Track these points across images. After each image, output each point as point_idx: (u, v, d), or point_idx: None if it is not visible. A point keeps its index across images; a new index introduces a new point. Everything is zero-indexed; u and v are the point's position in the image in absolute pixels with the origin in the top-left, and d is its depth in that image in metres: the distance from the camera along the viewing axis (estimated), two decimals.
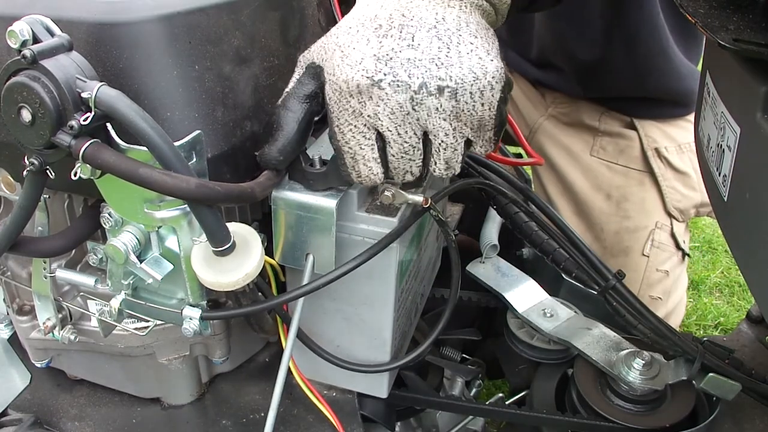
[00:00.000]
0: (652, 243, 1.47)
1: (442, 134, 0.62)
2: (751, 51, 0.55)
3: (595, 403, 0.88)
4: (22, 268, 0.81)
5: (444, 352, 1.09)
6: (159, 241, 0.68)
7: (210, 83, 0.65)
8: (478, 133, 0.63)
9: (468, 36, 0.61)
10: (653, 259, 1.48)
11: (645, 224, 1.48)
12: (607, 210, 1.50)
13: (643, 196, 1.48)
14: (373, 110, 0.61)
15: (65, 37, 0.58)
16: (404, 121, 0.61)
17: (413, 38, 0.60)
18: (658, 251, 1.47)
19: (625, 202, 1.49)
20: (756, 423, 0.89)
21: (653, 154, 1.46)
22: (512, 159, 1.18)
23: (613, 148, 1.50)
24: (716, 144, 0.67)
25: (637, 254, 1.47)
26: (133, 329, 0.77)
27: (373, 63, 0.60)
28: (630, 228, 1.48)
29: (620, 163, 1.49)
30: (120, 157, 0.58)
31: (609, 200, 1.50)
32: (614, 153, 1.50)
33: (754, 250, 0.63)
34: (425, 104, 0.60)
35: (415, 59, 0.59)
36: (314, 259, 0.71)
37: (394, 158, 0.64)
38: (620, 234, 1.49)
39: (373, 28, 0.62)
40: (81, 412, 0.88)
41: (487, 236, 1.07)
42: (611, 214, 1.49)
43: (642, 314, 0.83)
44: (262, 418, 0.84)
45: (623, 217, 1.49)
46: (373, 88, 0.60)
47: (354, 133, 0.63)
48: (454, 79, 0.59)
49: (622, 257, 1.48)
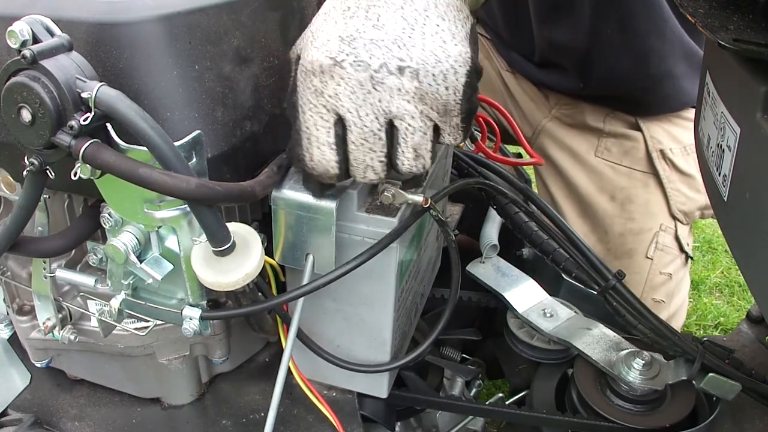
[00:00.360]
0: (656, 245, 1.46)
1: (408, 118, 0.61)
2: (751, 51, 0.55)
3: (595, 403, 0.88)
4: (22, 268, 0.81)
5: (444, 352, 1.09)
6: (159, 241, 0.68)
7: (210, 83, 0.65)
8: (445, 119, 0.62)
9: (435, 17, 0.60)
10: (657, 262, 1.47)
11: (649, 226, 1.47)
12: (611, 211, 1.49)
13: (648, 198, 1.47)
14: (333, 90, 0.61)
15: (65, 37, 0.58)
16: (365, 102, 0.60)
17: (378, 18, 0.60)
18: (662, 254, 1.47)
19: (629, 204, 1.48)
20: (756, 423, 0.89)
21: (658, 156, 1.45)
22: (512, 159, 1.18)
23: (617, 149, 1.49)
24: (716, 144, 0.67)
25: (641, 256, 1.47)
26: (133, 329, 0.77)
27: (337, 43, 0.60)
28: (634, 230, 1.48)
29: (624, 165, 1.48)
30: (120, 157, 0.58)
31: (613, 201, 1.49)
32: (619, 154, 1.48)
33: (754, 250, 0.63)
34: (386, 84, 0.59)
35: (378, 39, 0.59)
36: (314, 259, 0.71)
37: (354, 146, 0.63)
38: (624, 236, 1.48)
39: (342, 10, 0.62)
40: (81, 412, 0.88)
41: (487, 236, 1.07)
42: (615, 216, 1.48)
43: (642, 314, 0.83)
44: (262, 418, 0.84)
45: (627, 219, 1.48)
46: (335, 67, 0.60)
47: (313, 112, 0.62)
48: (415, 60, 0.59)
49: (626, 259, 1.47)
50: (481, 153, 0.97)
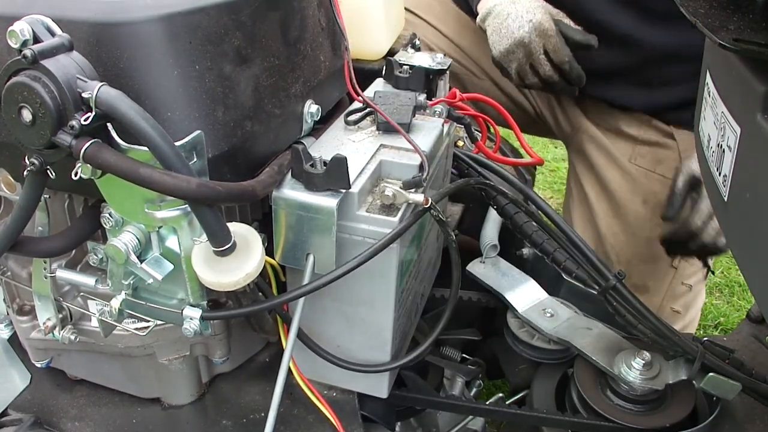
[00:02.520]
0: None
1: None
2: (751, 51, 0.55)
3: (595, 403, 0.88)
4: (23, 268, 0.81)
5: (444, 352, 1.09)
6: (159, 241, 0.68)
7: (210, 83, 0.65)
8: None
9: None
10: (680, 272, 1.46)
11: None
12: (643, 215, 1.47)
13: None
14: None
15: (66, 36, 0.57)
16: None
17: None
18: (687, 264, 1.45)
19: (661, 210, 1.48)
20: (756, 423, 0.89)
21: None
22: (512, 159, 1.18)
23: (651, 157, 1.48)
24: (716, 144, 0.67)
25: (665, 264, 1.45)
26: (133, 329, 0.77)
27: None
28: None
29: (658, 172, 1.47)
30: (120, 157, 0.58)
31: (645, 205, 1.48)
32: (652, 162, 1.48)
33: (754, 250, 0.63)
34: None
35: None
36: (314, 259, 0.71)
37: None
38: (652, 241, 1.46)
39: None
40: (81, 412, 0.88)
41: (487, 236, 1.07)
42: (646, 220, 1.47)
43: (642, 314, 0.83)
44: (263, 418, 0.84)
45: (657, 224, 1.47)
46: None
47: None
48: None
49: (650, 264, 1.46)
50: (481, 153, 0.98)
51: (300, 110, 0.79)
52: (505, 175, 0.96)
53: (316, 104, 0.81)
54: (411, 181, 0.72)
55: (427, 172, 0.73)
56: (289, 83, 0.76)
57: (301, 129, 0.81)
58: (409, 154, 0.76)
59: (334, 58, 0.86)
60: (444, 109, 0.87)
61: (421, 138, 0.80)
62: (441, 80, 0.93)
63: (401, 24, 1.17)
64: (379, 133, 0.80)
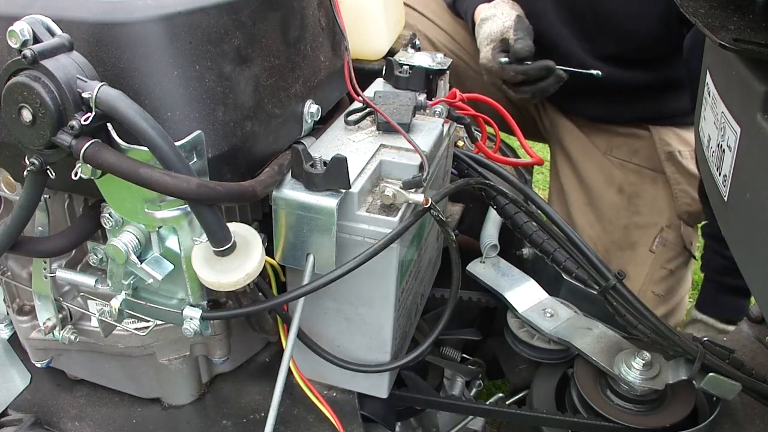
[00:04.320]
0: (660, 240, 1.48)
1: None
2: (751, 51, 0.55)
3: (595, 403, 0.88)
4: (23, 268, 0.81)
5: (444, 352, 1.09)
6: (159, 241, 0.68)
7: (210, 83, 0.65)
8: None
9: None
10: (659, 257, 1.49)
11: (655, 221, 1.49)
12: (618, 204, 1.51)
13: (655, 195, 1.49)
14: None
15: (66, 37, 0.57)
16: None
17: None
18: (665, 249, 1.48)
19: (636, 198, 1.50)
20: (756, 423, 0.89)
21: (666, 158, 1.47)
22: (512, 159, 1.18)
23: (627, 147, 1.52)
24: (716, 144, 0.68)
25: (644, 250, 1.49)
26: (133, 329, 0.77)
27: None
28: (639, 224, 1.50)
29: (634, 162, 1.52)
30: (121, 157, 0.58)
31: (621, 194, 1.52)
32: (628, 153, 1.52)
33: (754, 250, 0.63)
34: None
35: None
36: (315, 259, 0.71)
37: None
38: (629, 229, 1.50)
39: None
40: (81, 412, 0.88)
41: (487, 236, 1.07)
42: (622, 209, 1.51)
43: (642, 314, 0.83)
44: (263, 418, 0.84)
45: (633, 212, 1.50)
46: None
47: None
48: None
49: (628, 251, 1.49)
50: (481, 153, 0.98)
51: (300, 110, 0.79)
52: (505, 175, 0.96)
53: (316, 104, 0.81)
54: (411, 181, 0.72)
55: (427, 172, 0.73)
56: (289, 83, 0.76)
57: (301, 129, 0.81)
58: (409, 154, 0.76)
59: (334, 58, 0.86)
60: (444, 109, 0.87)
61: (421, 138, 0.80)
62: (441, 80, 0.93)
63: (401, 24, 1.17)
64: (379, 133, 0.81)
